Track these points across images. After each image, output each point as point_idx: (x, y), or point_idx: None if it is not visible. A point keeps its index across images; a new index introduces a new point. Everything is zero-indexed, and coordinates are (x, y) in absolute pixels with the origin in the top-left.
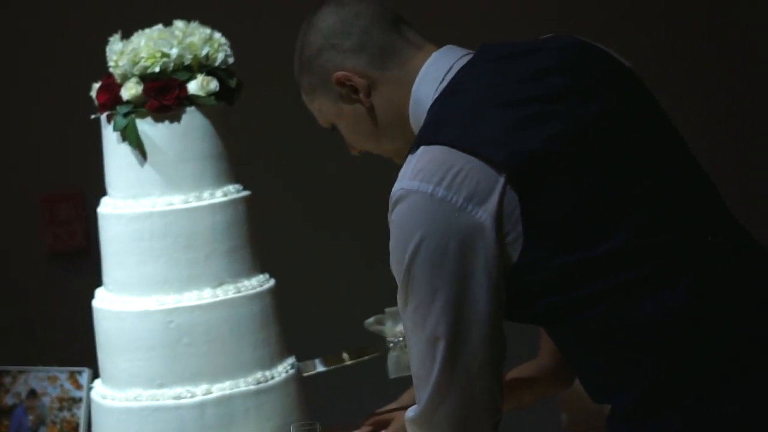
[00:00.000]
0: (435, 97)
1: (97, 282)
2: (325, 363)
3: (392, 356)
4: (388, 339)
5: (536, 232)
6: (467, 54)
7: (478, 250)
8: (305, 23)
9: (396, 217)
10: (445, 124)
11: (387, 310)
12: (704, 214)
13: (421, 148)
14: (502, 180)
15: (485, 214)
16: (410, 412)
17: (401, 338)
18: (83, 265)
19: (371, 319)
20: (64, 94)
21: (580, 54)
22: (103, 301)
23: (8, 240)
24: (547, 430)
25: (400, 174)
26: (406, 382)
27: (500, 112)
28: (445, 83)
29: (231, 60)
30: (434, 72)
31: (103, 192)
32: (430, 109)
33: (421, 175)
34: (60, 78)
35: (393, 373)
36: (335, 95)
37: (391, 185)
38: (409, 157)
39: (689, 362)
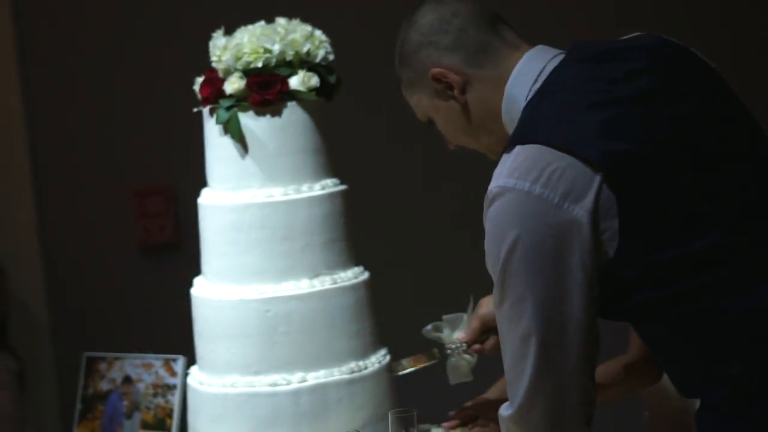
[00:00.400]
0: (528, 96)
1: (188, 275)
2: (413, 363)
3: (451, 363)
4: (447, 346)
5: (632, 229)
6: (559, 54)
7: (574, 246)
8: (406, 20)
9: (492, 215)
10: (540, 124)
11: (444, 317)
12: None
13: (517, 148)
14: (598, 178)
15: (582, 210)
16: (504, 410)
17: (459, 344)
18: (173, 259)
19: (429, 327)
20: (158, 90)
21: (668, 55)
22: (201, 289)
23: (100, 233)
24: (630, 428)
25: (495, 173)
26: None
27: (593, 112)
28: (538, 84)
29: (331, 57)
30: (527, 72)
31: (193, 187)
32: (524, 109)
33: (517, 173)
34: (153, 75)
35: (453, 379)
36: (432, 91)
37: (487, 180)
38: (504, 156)
39: None
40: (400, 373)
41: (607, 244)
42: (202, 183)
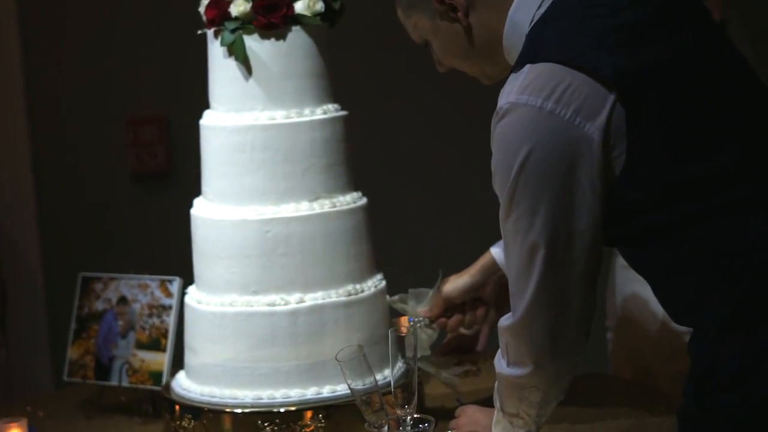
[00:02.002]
0: (532, 22)
1: (180, 202)
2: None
3: (410, 336)
4: (410, 318)
5: (640, 148)
6: None
7: (584, 162)
8: None
9: (503, 130)
10: (551, 43)
11: (411, 290)
12: None
13: (527, 66)
14: (612, 97)
15: (594, 128)
16: (505, 321)
17: (422, 318)
18: (166, 187)
19: (395, 297)
20: (153, 19)
21: None
22: (201, 209)
23: (93, 161)
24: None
25: (505, 91)
26: None
27: (603, 33)
28: (542, 10)
29: None
30: None
31: (185, 116)
32: (530, 32)
33: (529, 89)
34: (150, 2)
35: (409, 351)
36: (432, 12)
37: (484, 110)
38: (513, 75)
39: None
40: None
41: (615, 163)
42: (195, 112)
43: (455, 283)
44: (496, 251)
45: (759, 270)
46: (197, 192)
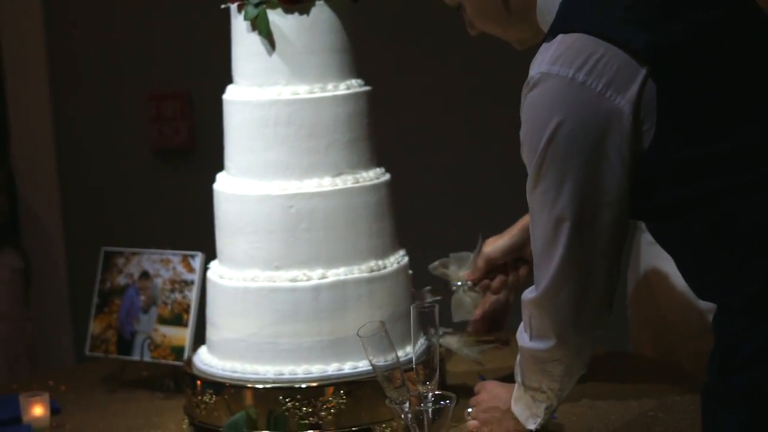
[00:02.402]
0: None
1: (202, 179)
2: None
3: (456, 299)
4: (452, 282)
5: (670, 123)
6: None
7: (614, 135)
8: None
9: (533, 100)
10: (584, 13)
11: (452, 254)
12: None
13: (560, 36)
14: (643, 71)
15: (624, 101)
16: (529, 293)
17: (465, 282)
18: (188, 163)
19: (436, 263)
20: None
21: None
22: (225, 184)
23: (116, 136)
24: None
25: (537, 60)
26: None
27: (636, 6)
28: None
29: None
30: None
31: (208, 92)
32: (564, 1)
33: (561, 60)
34: None
35: (457, 316)
36: None
37: (520, 79)
38: (545, 45)
39: None
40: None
41: (645, 137)
42: (218, 88)
43: (496, 244)
44: None
45: None
46: (219, 168)
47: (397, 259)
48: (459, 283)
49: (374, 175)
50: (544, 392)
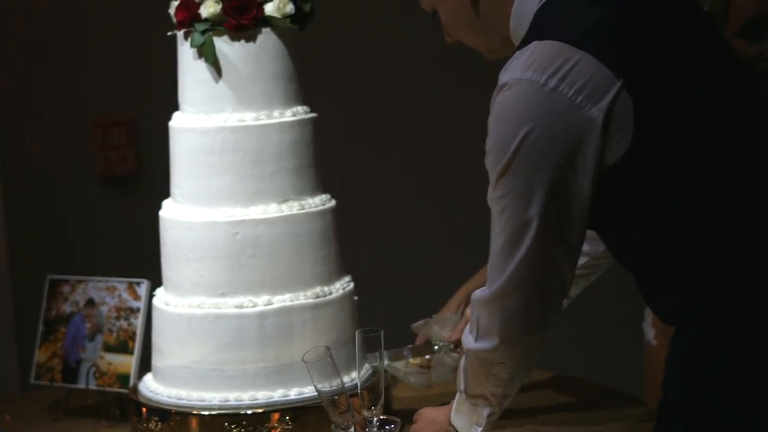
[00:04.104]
0: (542, 2)
1: (149, 206)
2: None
3: (437, 358)
4: (434, 343)
5: (644, 135)
6: None
7: (584, 143)
8: None
9: (503, 106)
10: (560, 21)
11: (434, 316)
12: None
13: (534, 43)
14: (618, 83)
15: (596, 110)
16: (480, 293)
17: (447, 343)
18: (134, 190)
19: (419, 323)
20: (122, 23)
21: None
22: (170, 211)
23: (62, 164)
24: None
25: (509, 66)
26: None
27: (613, 18)
28: None
29: None
30: None
31: (154, 120)
32: (538, 12)
33: (534, 66)
34: (119, 4)
35: (436, 377)
36: None
37: (460, 113)
38: (518, 52)
39: None
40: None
41: (616, 148)
42: (164, 116)
43: None
44: None
45: (751, 264)
46: (165, 195)
47: (343, 285)
48: (441, 344)
49: (320, 202)
50: (487, 398)
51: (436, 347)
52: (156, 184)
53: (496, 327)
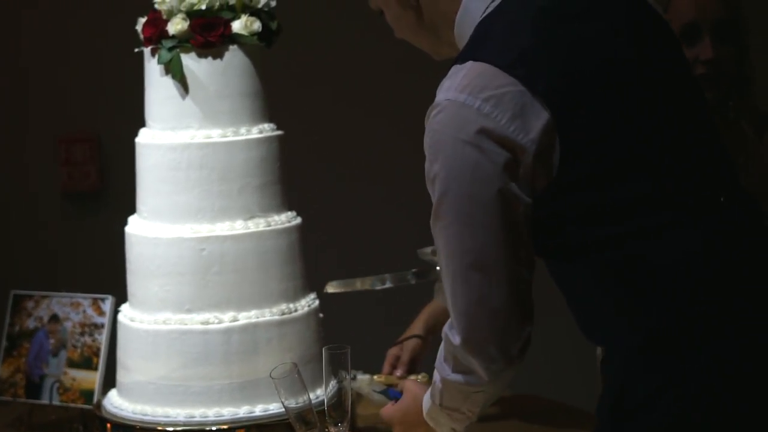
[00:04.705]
0: (485, 13)
1: (112, 221)
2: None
3: (440, 283)
4: (438, 267)
5: (571, 166)
6: None
7: (517, 169)
8: None
9: (438, 127)
10: (496, 42)
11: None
12: (717, 173)
13: (470, 63)
14: (546, 114)
15: (527, 139)
16: (454, 338)
17: None
18: (97, 206)
19: (426, 248)
20: (85, 39)
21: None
22: (136, 227)
23: (24, 179)
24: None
25: (444, 85)
26: None
27: (546, 42)
28: (495, 4)
29: (273, 3)
30: None
31: (117, 135)
32: (480, 24)
33: (468, 88)
34: (83, 21)
35: (440, 299)
36: None
37: (418, 131)
38: (455, 68)
39: (696, 310)
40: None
41: (545, 177)
42: (127, 132)
43: None
44: None
45: (674, 295)
46: (129, 211)
47: (308, 302)
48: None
49: (286, 219)
50: (464, 413)
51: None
52: (119, 199)
53: (479, 366)
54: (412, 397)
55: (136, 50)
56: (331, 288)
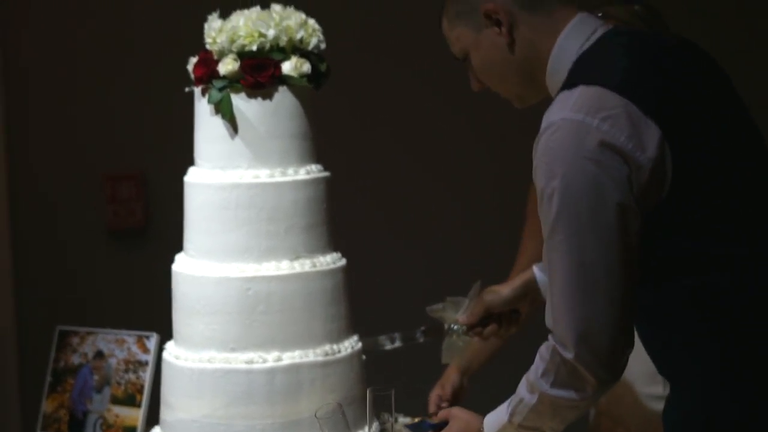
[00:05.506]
0: (581, 51)
1: (157, 259)
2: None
3: (448, 342)
4: (448, 325)
5: (682, 184)
6: (605, 24)
7: (634, 185)
8: None
9: (554, 144)
10: (604, 67)
11: (448, 298)
12: None
13: (581, 87)
14: (660, 133)
15: (644, 156)
16: (565, 352)
17: (460, 326)
18: (142, 243)
19: (435, 306)
20: (134, 78)
21: (698, 50)
22: (183, 265)
23: (70, 216)
24: None
25: (555, 108)
26: None
27: (650, 65)
28: (590, 43)
29: (323, 45)
30: (582, 29)
31: (162, 174)
32: (580, 58)
33: (585, 108)
34: (133, 59)
35: (446, 358)
36: (478, 25)
37: (468, 173)
38: (565, 93)
39: None
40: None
41: (656, 194)
42: (172, 169)
43: (498, 294)
44: (537, 269)
45: (758, 325)
46: (174, 249)
47: (351, 344)
48: (455, 327)
49: (331, 260)
50: (541, 431)
51: (448, 330)
52: (164, 237)
53: (589, 379)
54: (464, 423)
55: (187, 89)
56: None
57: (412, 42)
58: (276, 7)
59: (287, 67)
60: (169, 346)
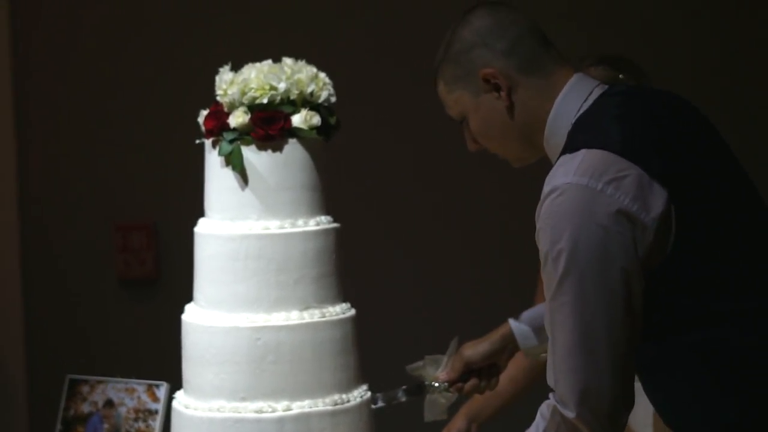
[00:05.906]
0: (578, 113)
1: (167, 309)
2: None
3: (430, 399)
4: (428, 383)
5: (686, 243)
6: (600, 84)
7: (639, 247)
8: (458, 21)
9: (558, 209)
10: (606, 130)
11: (427, 357)
12: None
13: (584, 150)
14: (665, 193)
15: (649, 217)
16: (567, 412)
17: (441, 383)
18: (153, 293)
19: (414, 364)
20: (146, 127)
21: (689, 106)
22: (193, 315)
23: (81, 264)
24: None
25: (559, 171)
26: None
27: (654, 127)
28: (587, 104)
29: (333, 99)
30: (579, 91)
31: (173, 224)
32: (579, 121)
33: (589, 172)
34: (144, 111)
35: (429, 416)
36: (476, 89)
37: (475, 222)
38: (567, 156)
39: None
40: (377, 405)
41: (660, 254)
42: (183, 220)
43: (476, 349)
44: (512, 321)
45: (761, 382)
46: (184, 299)
47: (361, 393)
48: (435, 384)
49: (340, 310)
50: None
51: (429, 387)
52: (175, 287)
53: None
54: None
55: (198, 141)
56: None
57: (422, 94)
58: (287, 61)
59: (297, 119)
60: (179, 395)
